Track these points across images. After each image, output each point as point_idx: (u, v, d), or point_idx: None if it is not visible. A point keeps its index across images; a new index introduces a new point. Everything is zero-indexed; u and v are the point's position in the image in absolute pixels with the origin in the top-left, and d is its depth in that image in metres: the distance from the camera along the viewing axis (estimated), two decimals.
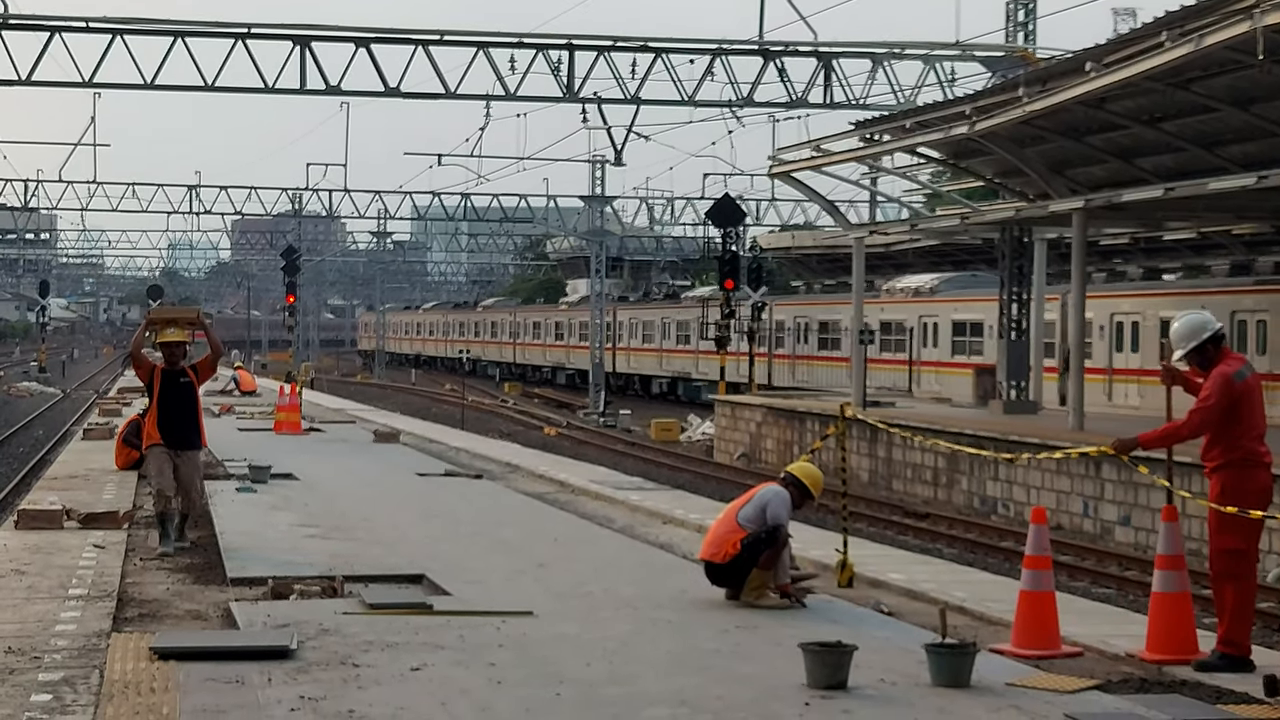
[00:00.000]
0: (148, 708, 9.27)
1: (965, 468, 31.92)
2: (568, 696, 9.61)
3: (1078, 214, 32.03)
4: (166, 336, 16.31)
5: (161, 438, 16.00)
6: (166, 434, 15.99)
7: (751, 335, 52.20)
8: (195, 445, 16.32)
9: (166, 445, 15.98)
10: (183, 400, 16.11)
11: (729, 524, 12.90)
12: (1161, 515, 11.21)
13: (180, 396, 16.09)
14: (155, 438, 16.05)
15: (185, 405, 16.13)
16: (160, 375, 16.11)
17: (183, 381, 16.13)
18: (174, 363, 16.21)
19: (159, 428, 16.04)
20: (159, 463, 16.00)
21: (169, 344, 16.29)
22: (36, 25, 38.45)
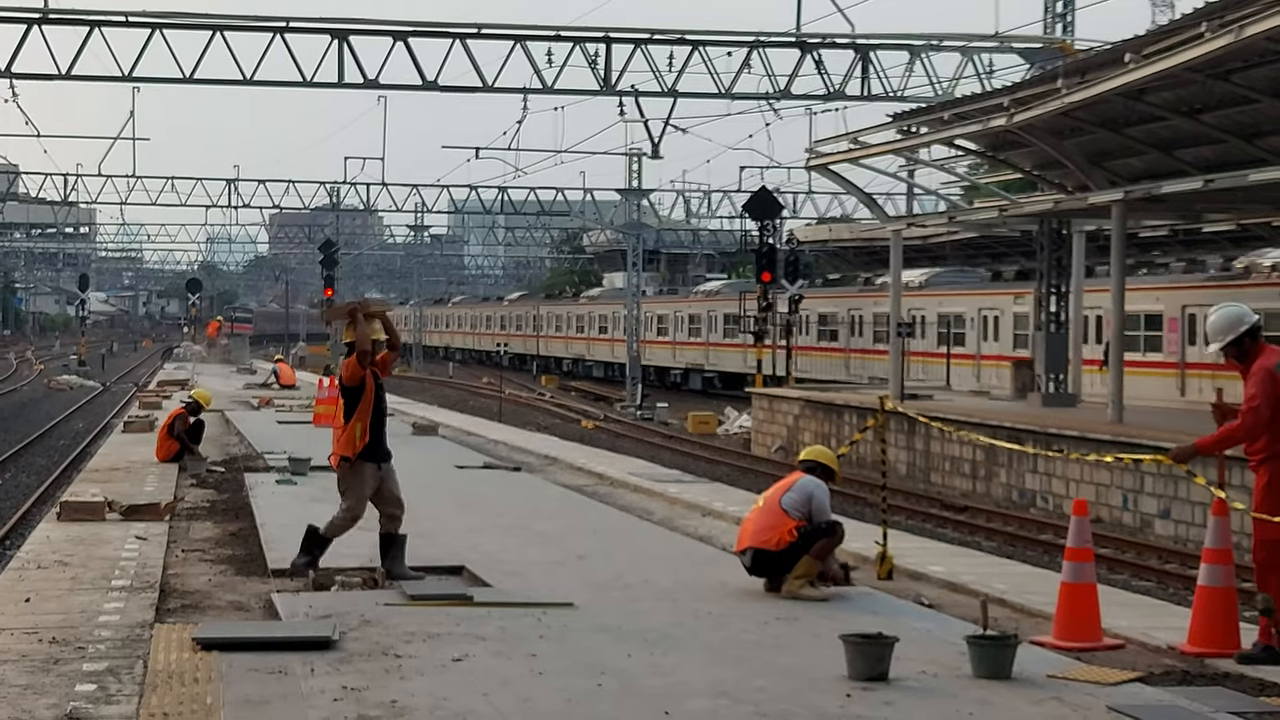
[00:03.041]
0: (191, 698, 9.33)
1: (1004, 460, 31.84)
2: (609, 687, 9.64)
3: (1117, 206, 31.92)
4: (375, 333, 14.18)
5: (373, 450, 13.97)
6: (377, 445, 14.01)
7: (789, 328, 52.17)
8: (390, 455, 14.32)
9: (376, 459, 14.03)
10: (383, 404, 14.22)
11: (775, 513, 12.94)
12: (1211, 509, 11.15)
13: (381, 400, 14.18)
14: (363, 446, 13.90)
15: (384, 409, 14.26)
16: (372, 375, 14.02)
17: (379, 384, 14.19)
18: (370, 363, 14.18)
19: (373, 437, 13.93)
20: (364, 482, 14.01)
21: (376, 341, 14.24)
22: (76, 20, 38.66)
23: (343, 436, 13.91)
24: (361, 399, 13.87)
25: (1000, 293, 49.41)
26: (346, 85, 39.92)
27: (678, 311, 74.40)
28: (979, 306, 49.94)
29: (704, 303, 71.76)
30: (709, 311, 70.42)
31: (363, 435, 13.81)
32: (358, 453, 13.83)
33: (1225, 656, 10.74)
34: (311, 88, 40.34)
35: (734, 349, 65.80)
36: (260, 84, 40.40)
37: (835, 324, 58.96)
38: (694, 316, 71.87)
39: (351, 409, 13.86)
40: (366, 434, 13.82)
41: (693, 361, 71.60)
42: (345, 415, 13.90)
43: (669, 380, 73.50)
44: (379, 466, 14.01)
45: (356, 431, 13.81)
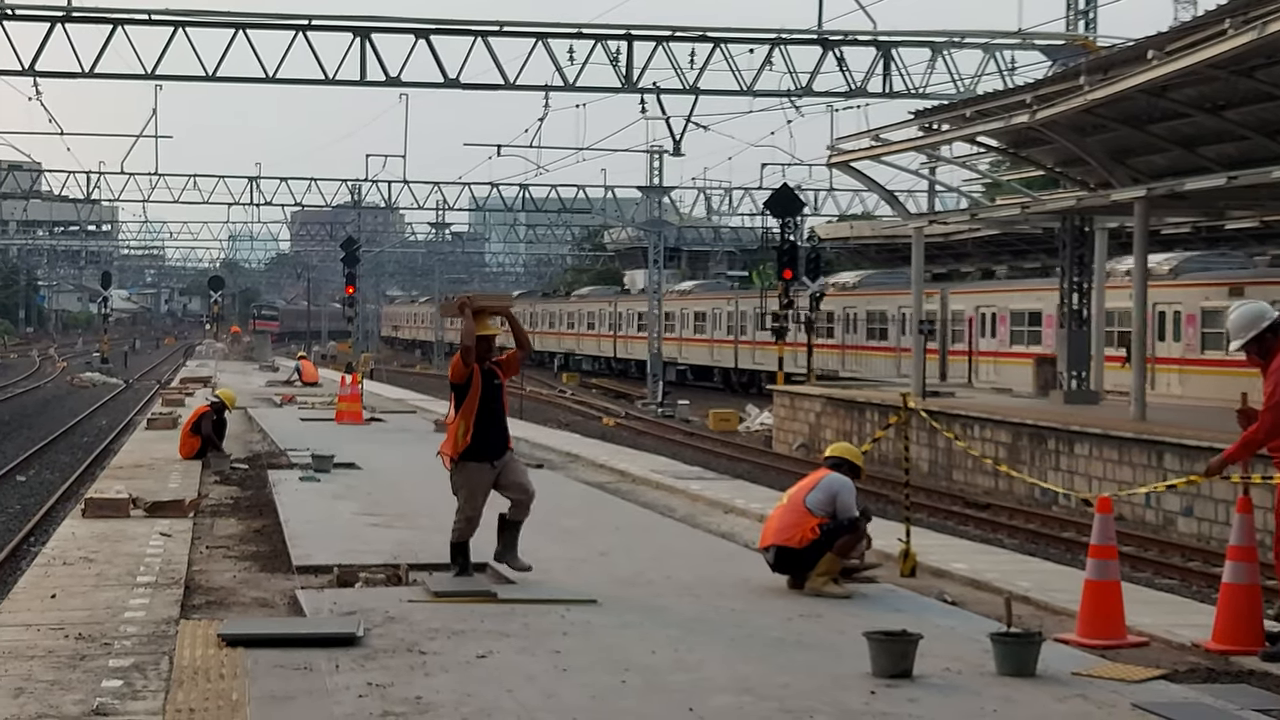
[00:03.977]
0: (217, 693, 9.36)
1: (1026, 457, 31.80)
2: (633, 684, 9.65)
3: (1139, 203, 31.85)
4: (484, 329, 13.65)
5: (479, 449, 13.50)
6: (484, 443, 13.49)
7: (810, 325, 52.11)
8: (509, 447, 13.78)
9: (485, 458, 13.53)
10: (497, 403, 13.60)
11: (798, 510, 12.95)
12: (1236, 506, 11.14)
13: (494, 399, 13.57)
14: (466, 445, 13.49)
15: (500, 408, 13.63)
16: (479, 373, 13.49)
17: (495, 382, 13.59)
18: (484, 359, 13.60)
19: (476, 435, 13.47)
20: (475, 482, 13.57)
21: (483, 338, 13.60)
22: (99, 18, 38.78)
23: (449, 435, 13.62)
24: (467, 397, 13.41)
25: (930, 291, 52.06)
26: (368, 83, 39.98)
27: (683, 310, 77.20)
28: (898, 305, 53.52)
29: (677, 301, 76.43)
30: (681, 310, 75.48)
31: (465, 434, 13.40)
32: (460, 452, 13.44)
33: (1250, 654, 10.73)
34: (333, 85, 40.42)
35: (701, 344, 72.63)
36: (282, 82, 40.53)
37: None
38: (668, 314, 75.00)
39: (457, 406, 13.51)
40: (470, 433, 13.38)
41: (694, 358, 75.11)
42: (452, 413, 13.61)
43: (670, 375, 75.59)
44: (491, 465, 13.53)
45: (460, 430, 13.43)
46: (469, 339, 13.39)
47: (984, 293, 50.88)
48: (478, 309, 13.56)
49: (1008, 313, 48.58)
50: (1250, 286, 36.83)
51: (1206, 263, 42.06)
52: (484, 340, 13.53)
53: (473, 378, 13.40)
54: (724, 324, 70.98)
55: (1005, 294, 49.53)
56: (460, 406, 13.43)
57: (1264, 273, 39.66)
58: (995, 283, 52.41)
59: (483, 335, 13.52)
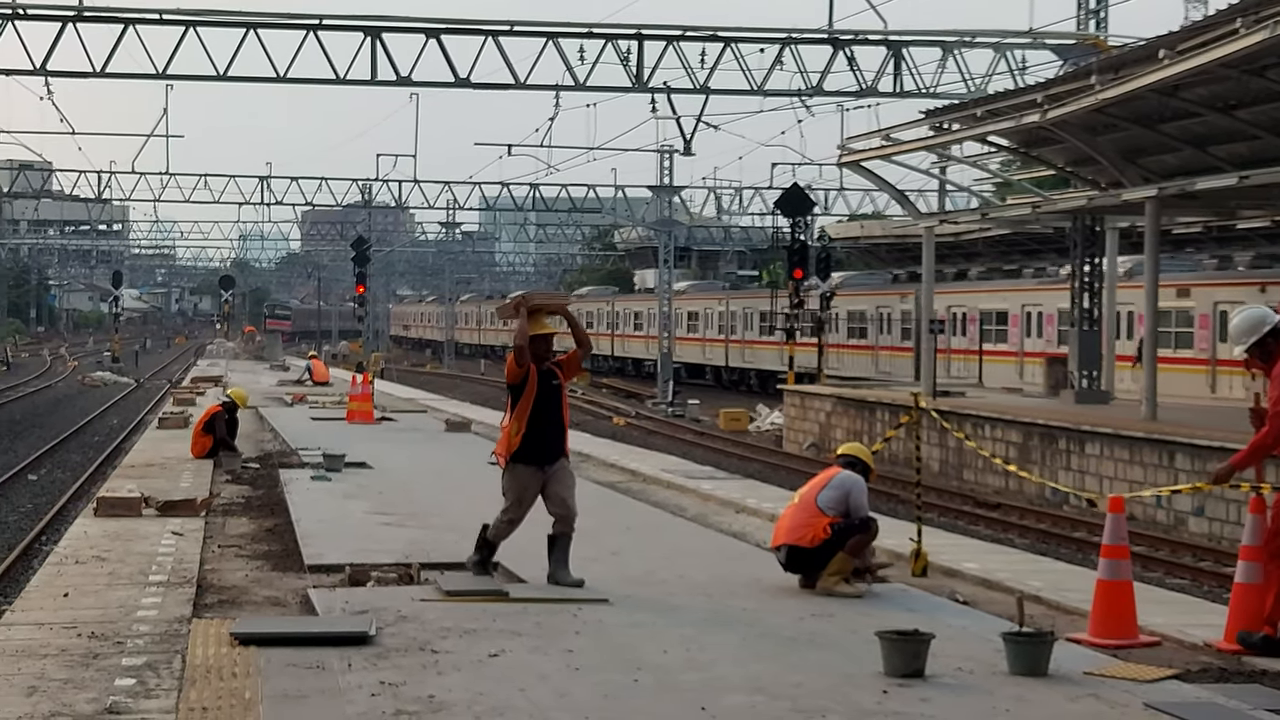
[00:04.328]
0: (230, 692, 9.38)
1: (1036, 457, 31.79)
2: (645, 683, 9.66)
3: (1151, 202, 31.81)
4: (540, 328, 13.31)
5: (530, 451, 13.13)
6: (536, 446, 13.12)
7: (820, 325, 52.12)
8: (564, 453, 13.40)
9: (535, 461, 13.17)
10: (554, 405, 13.22)
11: (810, 509, 12.95)
12: (1249, 507, 11.14)
13: (551, 401, 13.21)
14: (519, 450, 13.12)
15: (557, 411, 13.24)
16: (535, 373, 13.15)
17: (553, 383, 13.25)
18: (541, 360, 13.24)
19: (528, 437, 13.11)
20: (523, 485, 13.19)
21: (540, 337, 13.25)
22: (111, 18, 38.83)
23: (503, 435, 13.31)
24: (522, 397, 13.08)
25: (892, 293, 58.35)
26: (379, 82, 40.02)
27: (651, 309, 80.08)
28: (876, 304, 58.51)
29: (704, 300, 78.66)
30: (675, 309, 76.32)
31: (518, 435, 13.06)
32: (511, 453, 13.10)
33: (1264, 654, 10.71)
34: (344, 85, 40.44)
35: (694, 343, 75.42)
36: (293, 81, 40.55)
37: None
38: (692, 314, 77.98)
39: (513, 407, 13.17)
40: (522, 434, 13.04)
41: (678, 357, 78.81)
42: (507, 415, 13.28)
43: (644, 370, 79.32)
44: (541, 469, 13.13)
45: (513, 431, 13.10)
46: (521, 338, 13.08)
47: (956, 294, 53.34)
48: (533, 308, 13.28)
49: (977, 312, 51.50)
50: (1195, 288, 40.79)
51: (1165, 265, 42.45)
52: (541, 340, 13.22)
53: (528, 378, 13.08)
54: (715, 323, 73.35)
55: (974, 295, 52.57)
56: (515, 407, 13.14)
57: (1208, 275, 43.23)
58: (966, 284, 55.27)
59: (539, 335, 13.21)
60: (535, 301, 13.43)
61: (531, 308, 13.24)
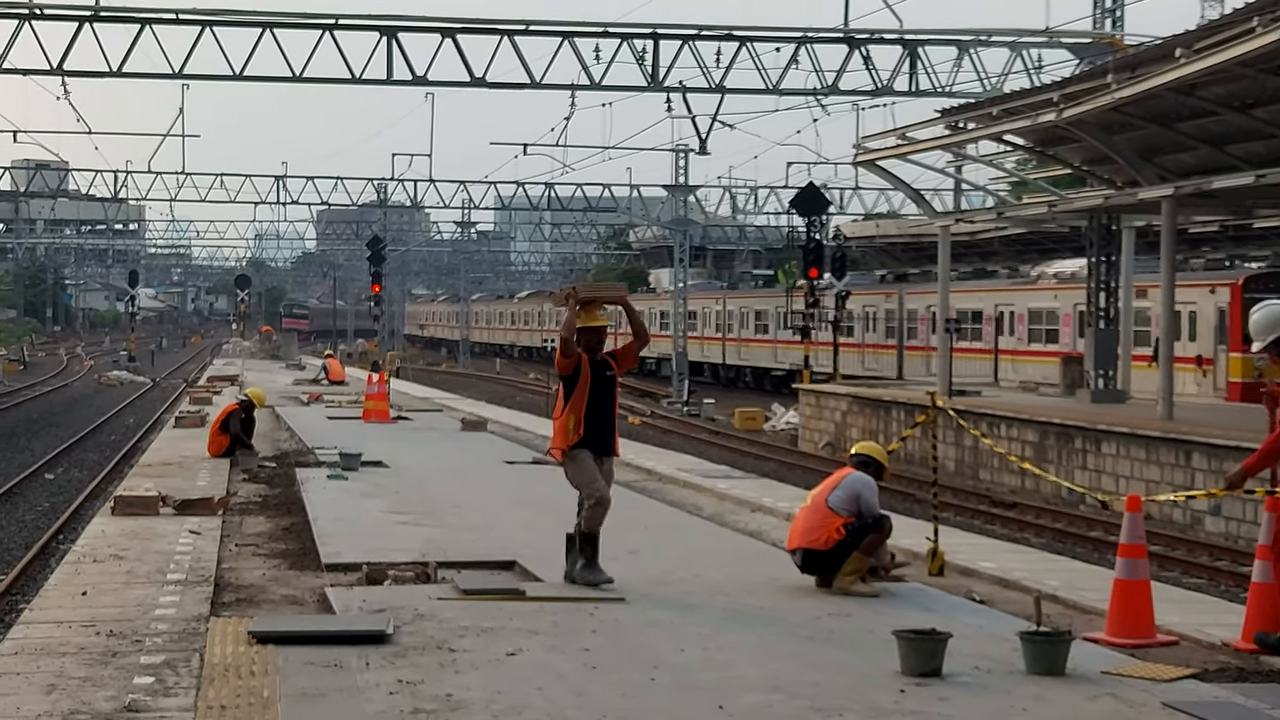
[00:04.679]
0: (248, 690, 9.40)
1: (1053, 456, 31.75)
2: (662, 682, 9.67)
3: (1167, 201, 31.76)
4: (593, 319, 13.18)
5: (589, 441, 13.01)
6: (592, 437, 13.00)
7: (836, 324, 52.10)
8: (614, 450, 13.29)
9: (592, 449, 13.03)
10: (607, 396, 13.13)
11: (822, 511, 12.94)
12: (1265, 505, 11.12)
13: (604, 391, 13.11)
14: (577, 439, 12.99)
15: (609, 402, 13.16)
16: (588, 365, 13.06)
17: (607, 374, 13.15)
18: (595, 351, 13.15)
19: (587, 429, 13.00)
20: (589, 468, 13.01)
21: (593, 329, 13.15)
22: (127, 18, 38.91)
23: (557, 429, 13.15)
24: (575, 389, 12.97)
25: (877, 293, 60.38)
26: (395, 82, 40.05)
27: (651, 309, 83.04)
28: (862, 304, 60.04)
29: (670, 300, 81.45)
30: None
31: (576, 428, 12.93)
32: (571, 446, 12.97)
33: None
34: (360, 85, 40.48)
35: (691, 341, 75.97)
36: (309, 81, 40.59)
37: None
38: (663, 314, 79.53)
39: (566, 399, 13.05)
40: (581, 426, 12.92)
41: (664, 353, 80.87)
42: (561, 406, 13.12)
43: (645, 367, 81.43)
44: (598, 459, 13.03)
45: (570, 424, 12.95)
46: (566, 330, 12.99)
47: (934, 294, 53.15)
48: (585, 299, 13.13)
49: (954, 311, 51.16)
50: (1152, 289, 39.78)
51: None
52: (593, 332, 13.08)
53: (581, 369, 12.96)
54: (713, 322, 75.41)
55: (951, 295, 51.79)
56: (569, 399, 13.00)
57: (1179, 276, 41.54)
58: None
59: (591, 327, 13.07)
60: (588, 294, 13.29)
61: (584, 299, 13.10)
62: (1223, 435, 26.80)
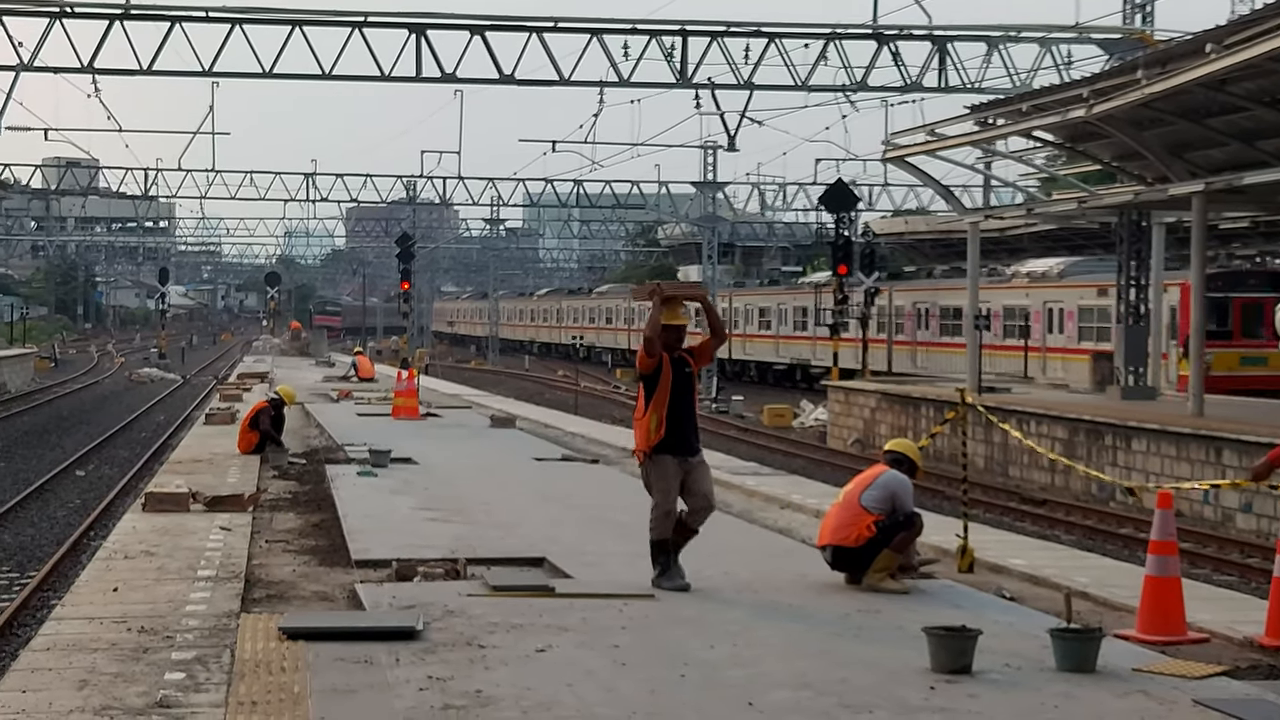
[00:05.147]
0: (279, 686, 9.43)
1: (1083, 453, 31.66)
2: (691, 678, 9.67)
3: (1197, 197, 31.63)
4: (674, 317, 13.04)
5: (671, 442, 12.80)
6: (676, 437, 12.81)
7: (864, 321, 52.04)
8: (700, 448, 13.14)
9: (676, 452, 12.82)
10: (687, 394, 12.97)
11: (854, 508, 12.93)
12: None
13: (684, 390, 12.93)
14: (659, 439, 12.78)
15: (689, 401, 13.01)
16: (669, 363, 12.86)
17: (686, 371, 12.97)
18: (673, 349, 12.99)
19: (669, 428, 12.78)
20: (668, 475, 12.79)
21: (673, 327, 13.01)
22: (157, 16, 39.05)
23: (639, 429, 12.96)
24: (657, 388, 12.78)
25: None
26: (424, 79, 40.14)
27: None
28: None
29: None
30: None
31: (658, 428, 12.72)
32: (653, 446, 12.76)
33: None
34: (389, 82, 40.57)
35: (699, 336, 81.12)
36: (339, 78, 40.68)
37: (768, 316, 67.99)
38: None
39: (647, 399, 12.83)
40: (663, 426, 12.71)
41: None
42: (642, 406, 12.91)
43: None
44: (683, 460, 12.83)
45: (651, 424, 12.74)
46: (651, 329, 12.86)
47: (920, 290, 58.11)
48: (667, 297, 13.04)
49: (938, 308, 56.14)
50: (1112, 288, 42.17)
51: (1088, 267, 49.20)
52: (673, 330, 12.98)
53: (662, 367, 12.81)
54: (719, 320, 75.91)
55: (934, 292, 57.04)
56: (651, 399, 12.82)
57: None
58: (931, 281, 59.68)
59: (672, 324, 12.97)
60: (670, 291, 13.21)
61: (666, 297, 13.02)
62: (1254, 432, 26.70)
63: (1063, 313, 47.75)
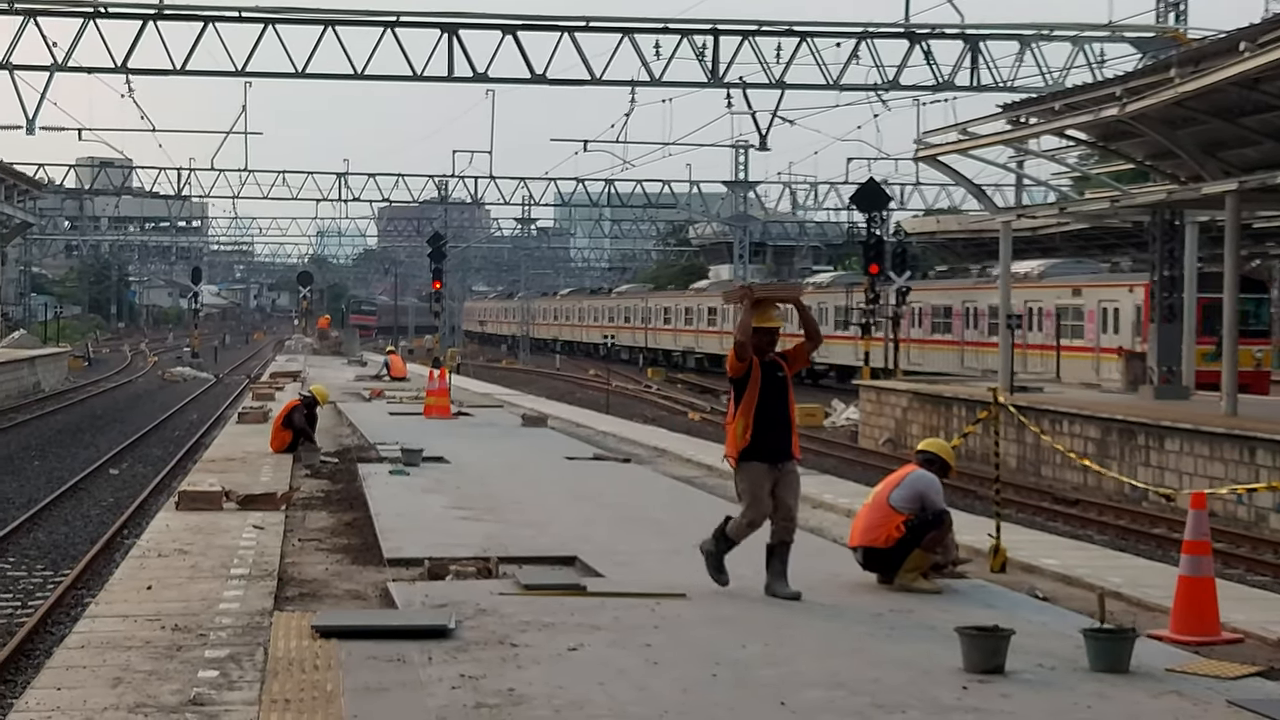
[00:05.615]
0: (312, 684, 9.46)
1: (1115, 453, 31.57)
2: (724, 677, 9.66)
3: (1231, 196, 31.52)
4: (766, 320, 12.71)
5: (761, 448, 12.53)
6: (766, 443, 12.53)
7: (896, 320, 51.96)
8: (793, 455, 12.77)
9: (766, 459, 12.53)
10: (780, 399, 12.61)
11: (883, 509, 12.91)
12: None
13: (777, 394, 12.59)
14: (746, 444, 12.51)
15: (783, 406, 12.63)
16: (759, 367, 12.58)
17: (779, 375, 12.63)
18: (765, 352, 12.66)
19: (757, 434, 12.52)
20: (757, 483, 12.52)
21: (764, 330, 12.67)
22: (191, 16, 39.23)
23: (729, 434, 12.71)
24: (746, 392, 12.50)
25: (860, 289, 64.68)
26: (456, 79, 40.26)
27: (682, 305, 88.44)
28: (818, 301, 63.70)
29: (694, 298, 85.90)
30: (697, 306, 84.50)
31: (745, 433, 12.45)
32: (740, 451, 12.50)
33: None
34: (421, 82, 40.68)
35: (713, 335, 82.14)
36: (371, 78, 40.84)
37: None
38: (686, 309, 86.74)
39: (737, 403, 12.60)
40: (749, 431, 12.44)
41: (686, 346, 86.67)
42: (732, 410, 12.70)
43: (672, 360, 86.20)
44: (773, 467, 12.51)
45: (739, 429, 12.49)
46: (742, 333, 12.55)
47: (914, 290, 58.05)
48: (759, 299, 12.73)
49: (929, 307, 58.37)
50: (1086, 289, 47.77)
51: (1066, 269, 52.04)
52: (765, 333, 12.63)
53: (752, 371, 12.50)
54: (731, 319, 75.47)
55: (925, 292, 58.14)
56: (740, 403, 12.57)
57: (1101, 277, 50.09)
58: (924, 282, 60.97)
59: (763, 327, 12.62)
60: (762, 293, 12.92)
61: (758, 298, 12.71)
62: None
63: (1041, 311, 50.03)
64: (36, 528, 25.17)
